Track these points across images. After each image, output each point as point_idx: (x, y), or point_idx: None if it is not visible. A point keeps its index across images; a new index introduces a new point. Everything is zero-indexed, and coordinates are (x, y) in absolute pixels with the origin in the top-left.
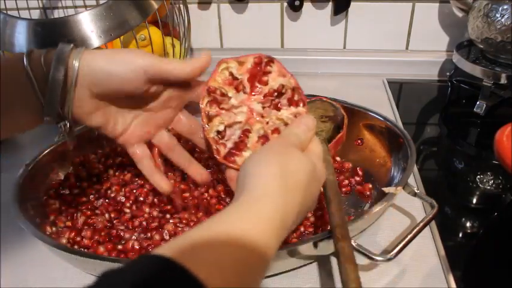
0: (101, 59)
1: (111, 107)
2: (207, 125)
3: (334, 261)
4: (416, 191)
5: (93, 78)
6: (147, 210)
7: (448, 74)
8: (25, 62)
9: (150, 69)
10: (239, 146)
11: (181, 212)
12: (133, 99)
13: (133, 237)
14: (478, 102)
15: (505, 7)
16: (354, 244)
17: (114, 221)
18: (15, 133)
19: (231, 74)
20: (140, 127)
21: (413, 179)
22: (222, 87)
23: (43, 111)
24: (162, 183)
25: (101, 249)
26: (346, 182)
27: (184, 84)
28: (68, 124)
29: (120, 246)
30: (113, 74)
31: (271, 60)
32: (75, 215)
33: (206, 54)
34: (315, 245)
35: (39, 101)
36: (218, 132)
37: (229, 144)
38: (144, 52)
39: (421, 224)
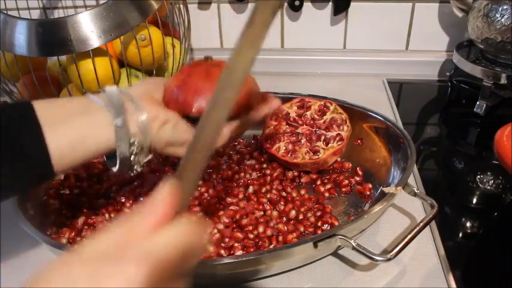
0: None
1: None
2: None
3: (334, 261)
4: (416, 191)
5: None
6: None
7: (448, 74)
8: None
9: None
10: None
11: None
12: None
13: None
14: (478, 102)
15: (505, 7)
16: (353, 244)
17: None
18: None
19: None
20: None
21: (413, 179)
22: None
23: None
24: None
25: None
26: (346, 182)
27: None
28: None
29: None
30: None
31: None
32: (75, 215)
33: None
34: (315, 245)
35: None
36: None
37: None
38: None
39: (421, 224)
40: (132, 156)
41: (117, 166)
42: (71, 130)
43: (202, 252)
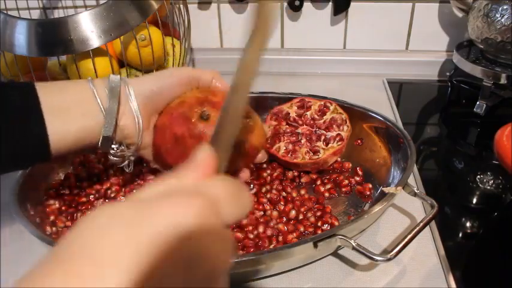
0: (149, 80)
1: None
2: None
3: (334, 261)
4: (416, 191)
5: (144, 98)
6: None
7: (448, 74)
8: (91, 85)
9: (193, 75)
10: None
11: None
12: None
13: None
14: (478, 102)
15: (505, 7)
16: (354, 244)
17: None
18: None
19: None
20: None
21: (413, 179)
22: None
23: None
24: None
25: None
26: (346, 182)
27: None
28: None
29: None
30: (163, 87)
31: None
32: (75, 215)
33: None
34: (315, 245)
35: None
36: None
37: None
38: (184, 77)
39: (421, 224)
40: (113, 146)
41: (100, 144)
42: (68, 122)
43: (250, 202)
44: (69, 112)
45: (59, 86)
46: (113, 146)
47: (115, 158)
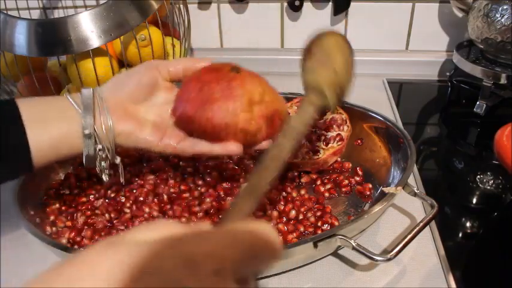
0: (115, 78)
1: (137, 110)
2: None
3: (334, 261)
4: (416, 191)
5: (114, 85)
6: (147, 210)
7: (448, 74)
8: (67, 96)
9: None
10: None
11: (182, 212)
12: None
13: None
14: (478, 102)
15: (505, 7)
16: (354, 244)
17: (114, 221)
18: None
19: None
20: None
21: (413, 179)
22: None
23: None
24: (230, 147)
25: None
26: (346, 182)
27: None
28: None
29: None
30: (130, 74)
31: None
32: (75, 215)
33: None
34: (315, 245)
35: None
36: None
37: None
38: (146, 63)
39: (421, 224)
40: (99, 162)
41: (84, 163)
42: (48, 133)
43: (278, 251)
44: (48, 119)
45: (37, 98)
46: (96, 146)
47: (102, 164)
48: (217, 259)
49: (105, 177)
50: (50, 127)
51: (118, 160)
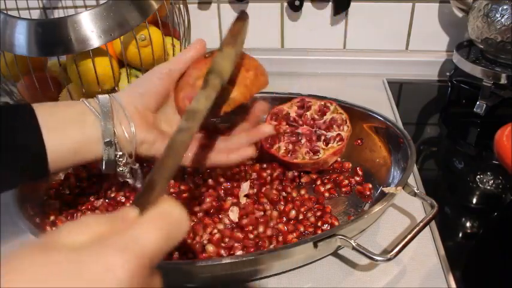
0: (133, 86)
1: (158, 120)
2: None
3: (334, 261)
4: (416, 191)
5: (133, 99)
6: None
7: (448, 74)
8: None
9: (168, 67)
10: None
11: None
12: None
13: None
14: (478, 102)
15: (505, 7)
16: (354, 244)
17: None
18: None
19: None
20: None
21: (413, 179)
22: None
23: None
24: (246, 152)
25: None
26: (346, 182)
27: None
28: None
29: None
30: (147, 86)
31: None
32: (75, 215)
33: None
34: (315, 245)
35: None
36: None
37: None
38: (159, 72)
39: (421, 224)
40: (119, 167)
41: (103, 169)
42: (66, 138)
43: (185, 226)
44: (66, 127)
45: (54, 104)
46: (116, 153)
47: (122, 168)
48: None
49: (130, 180)
50: (68, 134)
51: (137, 165)
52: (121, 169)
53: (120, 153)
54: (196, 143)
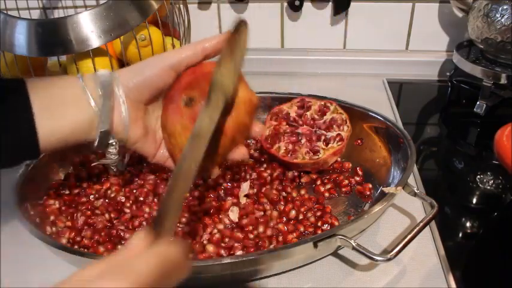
0: (132, 72)
1: (148, 115)
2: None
3: (334, 261)
4: (416, 191)
5: (128, 91)
6: (147, 210)
7: (448, 74)
8: (81, 83)
9: (173, 61)
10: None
11: (182, 212)
12: None
13: None
14: (478, 102)
15: (505, 7)
16: (354, 244)
17: (114, 221)
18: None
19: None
20: None
21: (413, 179)
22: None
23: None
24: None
25: (101, 249)
26: (346, 182)
27: None
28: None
29: (120, 246)
30: (146, 79)
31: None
32: (75, 215)
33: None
34: (315, 245)
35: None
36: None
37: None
38: (166, 52)
39: (421, 224)
40: (109, 153)
41: (96, 145)
42: (59, 120)
43: (185, 270)
44: (59, 108)
45: (49, 82)
46: (111, 141)
47: (112, 156)
48: None
49: (113, 168)
50: (61, 116)
51: (127, 157)
52: (111, 155)
53: (113, 141)
54: None
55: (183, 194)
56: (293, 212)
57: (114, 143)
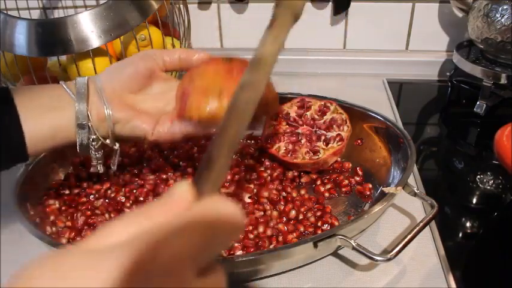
0: (111, 67)
1: (131, 97)
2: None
3: (334, 261)
4: (416, 191)
5: (110, 75)
6: None
7: (448, 74)
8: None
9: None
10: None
11: None
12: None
13: None
14: (478, 102)
15: (505, 7)
16: (354, 244)
17: None
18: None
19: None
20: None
21: (413, 179)
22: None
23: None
24: None
25: None
26: (346, 182)
27: None
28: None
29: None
30: (127, 64)
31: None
32: (75, 215)
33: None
34: (315, 245)
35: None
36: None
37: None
38: (142, 53)
39: (421, 224)
40: (92, 151)
41: (78, 151)
42: (44, 121)
43: (240, 227)
44: (41, 108)
45: (33, 89)
46: (90, 136)
47: (95, 153)
48: (174, 258)
49: (99, 168)
50: (45, 116)
51: (117, 146)
52: (94, 153)
53: (94, 136)
54: None
55: (237, 135)
56: (293, 212)
57: (95, 137)
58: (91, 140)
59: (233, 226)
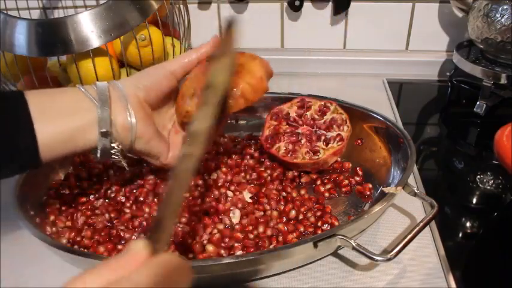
0: (138, 76)
1: (157, 118)
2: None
3: (334, 261)
4: (416, 191)
5: (136, 83)
6: (147, 210)
7: (448, 74)
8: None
9: (176, 68)
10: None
11: (182, 212)
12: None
13: (133, 237)
14: (478, 102)
15: (505, 7)
16: (354, 244)
17: (114, 221)
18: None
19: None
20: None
21: (413, 179)
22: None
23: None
24: None
25: (101, 249)
26: (346, 182)
27: None
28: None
29: (120, 246)
30: (153, 78)
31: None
32: (75, 215)
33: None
34: (315, 245)
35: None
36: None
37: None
38: (165, 71)
39: (421, 224)
40: (113, 156)
41: (98, 158)
42: (60, 127)
43: (188, 279)
44: (57, 114)
45: (49, 92)
46: (112, 144)
47: (115, 157)
48: None
49: (123, 164)
50: (59, 122)
51: (125, 164)
52: (115, 157)
53: (115, 144)
54: None
55: (180, 198)
56: (293, 212)
57: (117, 147)
58: (113, 148)
59: (184, 274)
